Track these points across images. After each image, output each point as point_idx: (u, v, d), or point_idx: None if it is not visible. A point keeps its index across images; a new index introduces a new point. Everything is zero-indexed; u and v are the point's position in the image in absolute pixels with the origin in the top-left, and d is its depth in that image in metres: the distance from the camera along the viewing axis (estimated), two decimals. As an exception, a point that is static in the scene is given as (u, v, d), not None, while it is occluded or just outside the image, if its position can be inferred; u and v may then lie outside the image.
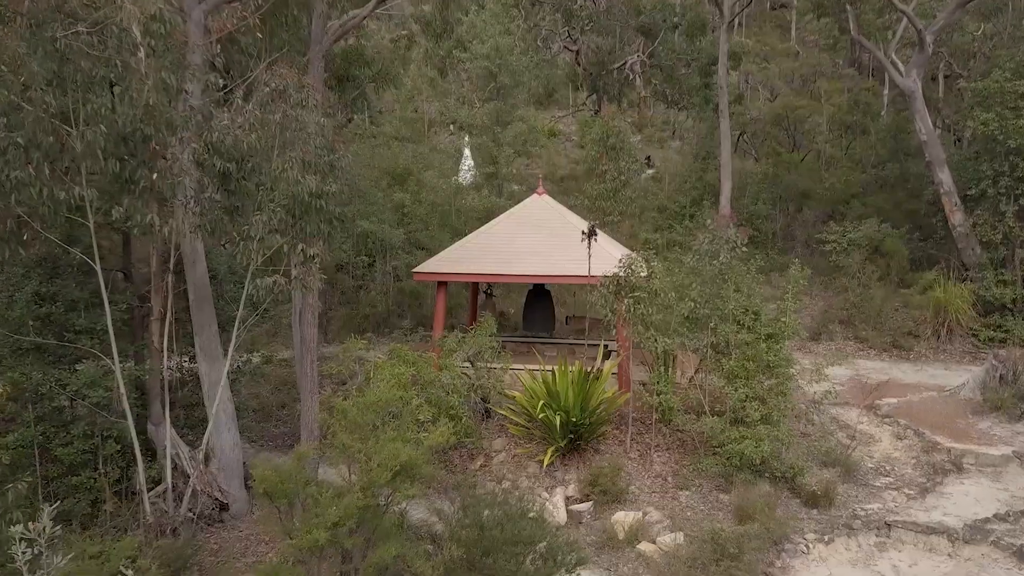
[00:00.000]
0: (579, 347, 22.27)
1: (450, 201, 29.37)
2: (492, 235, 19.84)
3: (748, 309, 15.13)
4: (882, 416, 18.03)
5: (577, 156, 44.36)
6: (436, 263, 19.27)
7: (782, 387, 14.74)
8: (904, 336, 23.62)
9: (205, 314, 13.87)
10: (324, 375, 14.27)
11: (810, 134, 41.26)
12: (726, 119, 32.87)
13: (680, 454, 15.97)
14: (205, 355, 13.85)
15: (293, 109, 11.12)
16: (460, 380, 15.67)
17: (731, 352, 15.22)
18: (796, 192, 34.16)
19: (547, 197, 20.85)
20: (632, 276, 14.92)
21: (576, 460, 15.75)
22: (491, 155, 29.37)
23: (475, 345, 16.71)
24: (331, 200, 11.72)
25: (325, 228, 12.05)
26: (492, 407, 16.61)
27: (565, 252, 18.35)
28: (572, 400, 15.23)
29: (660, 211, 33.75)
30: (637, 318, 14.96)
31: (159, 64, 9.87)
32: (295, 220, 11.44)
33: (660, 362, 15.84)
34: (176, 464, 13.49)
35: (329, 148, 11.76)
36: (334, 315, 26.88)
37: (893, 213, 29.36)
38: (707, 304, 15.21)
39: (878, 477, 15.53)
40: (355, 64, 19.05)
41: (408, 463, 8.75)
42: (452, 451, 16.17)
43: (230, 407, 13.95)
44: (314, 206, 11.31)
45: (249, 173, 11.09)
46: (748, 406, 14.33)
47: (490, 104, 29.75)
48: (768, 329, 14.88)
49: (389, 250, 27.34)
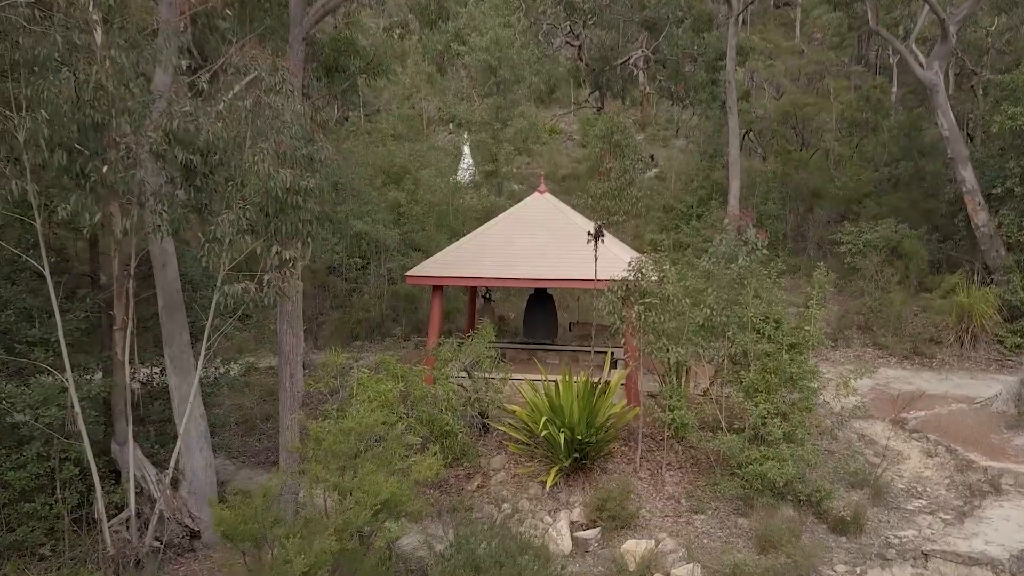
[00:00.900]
0: (583, 355, 21.06)
1: (448, 200, 28.14)
2: (491, 236, 18.60)
3: (768, 317, 13.90)
4: (909, 431, 16.80)
5: (579, 155, 43.12)
6: (431, 266, 18.03)
7: (806, 402, 13.51)
8: (926, 343, 22.38)
9: (176, 322, 12.65)
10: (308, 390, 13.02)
11: (818, 132, 40.10)
12: (734, 115, 31.63)
13: (694, 473, 14.75)
14: (175, 367, 12.63)
15: (266, 95, 9.88)
16: (455, 394, 14.45)
17: (750, 363, 13.98)
18: (806, 191, 32.93)
19: (549, 196, 19.62)
20: (643, 281, 13.69)
21: (582, 480, 14.52)
22: (491, 152, 28.12)
23: (472, 354, 15.50)
24: (310, 197, 10.47)
25: (304, 228, 10.80)
26: (490, 423, 15.37)
27: (569, 254, 17.11)
28: (577, 416, 14.00)
29: (666, 211, 32.52)
30: (648, 327, 13.73)
31: (110, 42, 8.64)
32: (269, 219, 10.19)
33: (672, 374, 14.59)
34: (142, 488, 12.27)
35: (308, 138, 10.52)
36: (326, 319, 25.67)
37: (909, 213, 28.11)
38: (724, 311, 13.97)
39: (910, 499, 14.29)
40: (345, 54, 17.83)
41: (391, 499, 7.50)
42: (447, 470, 14.96)
43: (202, 424, 12.72)
44: (290, 203, 10.09)
45: (216, 166, 9.85)
46: (770, 423, 13.09)
47: (490, 99, 28.50)
48: (791, 338, 13.65)
49: (383, 252, 26.11)
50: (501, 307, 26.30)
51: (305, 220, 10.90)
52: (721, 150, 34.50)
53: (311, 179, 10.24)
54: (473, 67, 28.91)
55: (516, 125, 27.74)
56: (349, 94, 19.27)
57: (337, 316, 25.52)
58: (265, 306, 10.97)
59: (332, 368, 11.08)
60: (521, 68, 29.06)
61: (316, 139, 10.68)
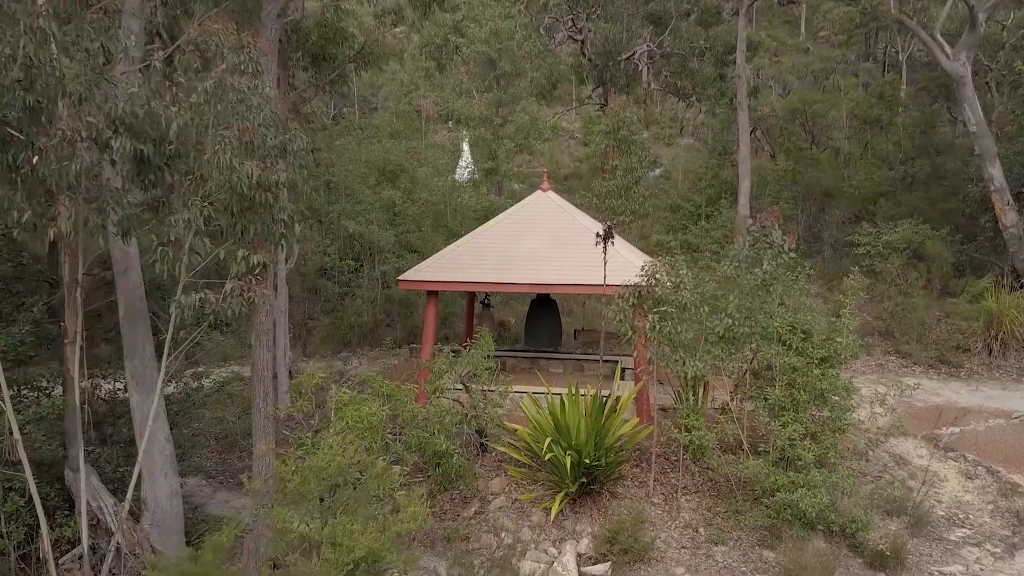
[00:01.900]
0: (588, 363, 19.76)
1: (446, 200, 26.82)
2: (490, 237, 17.28)
3: (796, 327, 12.57)
4: (943, 448, 15.45)
5: (581, 154, 41.85)
6: (426, 269, 16.71)
7: (839, 422, 12.17)
8: (952, 350, 21.04)
9: (138, 333, 11.33)
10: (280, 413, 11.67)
11: (828, 130, 38.88)
12: (744, 112, 30.37)
13: (712, 498, 13.42)
14: (137, 384, 11.30)
15: (231, 75, 8.55)
16: (451, 412, 13.14)
17: (775, 378, 12.66)
18: (819, 190, 31.60)
19: (553, 194, 18.29)
20: (657, 287, 12.37)
21: (589, 506, 13.20)
22: (490, 149, 26.79)
23: (469, 365, 14.20)
24: (283, 193, 9.15)
25: (277, 229, 9.47)
26: (489, 443, 14.06)
27: (574, 257, 15.81)
28: (584, 436, 12.68)
29: (673, 211, 31.17)
30: (663, 338, 12.41)
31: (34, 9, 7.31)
32: (235, 219, 8.87)
33: (689, 389, 13.28)
34: (98, 520, 10.96)
35: (280, 126, 9.19)
36: (316, 325, 24.35)
37: (929, 213, 26.74)
38: (747, 321, 12.64)
39: (952, 529, 12.96)
40: (332, 41, 16.51)
41: (368, 555, 6.18)
42: (442, 494, 13.66)
43: (167, 448, 11.38)
44: (259, 200, 8.75)
45: (173, 158, 8.52)
46: (799, 445, 11.76)
47: (489, 94, 27.18)
48: (821, 351, 12.32)
49: (377, 253, 24.81)
50: (501, 312, 24.99)
51: (279, 220, 9.57)
52: (730, 148, 33.26)
53: (283, 173, 8.90)
54: (472, 60, 27.57)
55: (517, 120, 26.40)
56: (338, 85, 17.94)
57: (328, 321, 24.21)
58: (226, 321, 9.61)
59: (308, 388, 9.73)
60: (522, 62, 27.74)
61: (290, 128, 9.34)
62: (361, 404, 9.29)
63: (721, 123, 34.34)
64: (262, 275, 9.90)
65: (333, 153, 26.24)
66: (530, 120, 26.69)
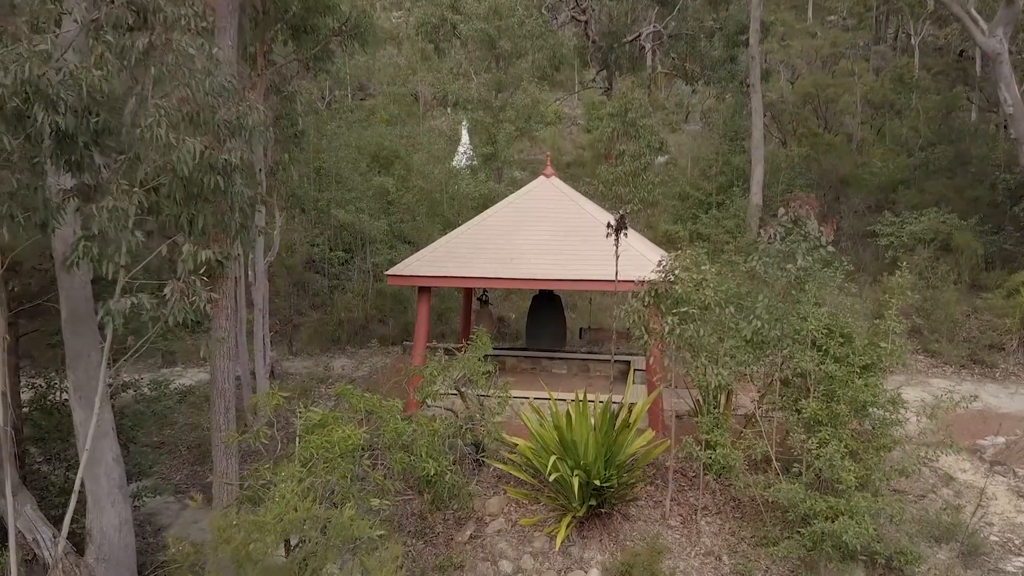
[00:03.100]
0: (595, 363, 18.30)
1: (442, 187, 25.27)
2: (489, 228, 15.78)
3: (833, 330, 11.08)
4: (988, 461, 14.02)
5: (584, 140, 40.31)
6: (417, 263, 15.21)
7: (883, 439, 10.69)
8: (985, 349, 19.61)
9: (83, 339, 9.84)
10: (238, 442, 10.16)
11: (839, 115, 37.37)
12: (758, 95, 28.80)
13: (736, 520, 11.98)
14: (81, 397, 9.82)
15: (170, 32, 7.03)
16: (444, 422, 11.67)
17: (809, 388, 11.17)
18: (835, 178, 30.06)
19: (557, 180, 16.77)
20: (677, 285, 10.88)
21: (599, 530, 11.75)
22: (489, 134, 25.22)
23: (465, 368, 12.74)
24: (238, 177, 7.65)
25: (234, 219, 7.96)
26: (486, 459, 12.60)
27: (581, 250, 14.33)
28: (594, 454, 11.21)
29: (682, 199, 29.60)
30: (684, 342, 10.93)
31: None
32: (179, 208, 7.37)
33: (712, 401, 11.80)
34: (35, 555, 9.52)
35: (235, 97, 7.67)
36: (303, 321, 22.87)
37: (955, 201, 25.20)
38: (778, 323, 11.15)
39: (1007, 557, 11.51)
40: (314, 11, 14.96)
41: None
42: (433, 515, 12.22)
43: (116, 471, 9.92)
44: (207, 185, 7.25)
45: (101, 134, 7.01)
46: (838, 466, 10.27)
47: (488, 75, 25.59)
48: (864, 358, 10.83)
49: (369, 244, 23.32)
50: (501, 307, 23.51)
51: (237, 208, 8.07)
52: (740, 133, 31.71)
53: (237, 152, 7.39)
54: (470, 39, 25.95)
55: (517, 102, 24.81)
56: (323, 62, 16.38)
57: (316, 317, 22.72)
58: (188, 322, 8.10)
59: (266, 412, 8.22)
60: (523, 41, 26.12)
61: (247, 99, 7.83)
62: (332, 427, 7.84)
63: (732, 107, 32.74)
64: (219, 274, 8.42)
65: (324, 138, 24.71)
66: (531, 102, 25.09)
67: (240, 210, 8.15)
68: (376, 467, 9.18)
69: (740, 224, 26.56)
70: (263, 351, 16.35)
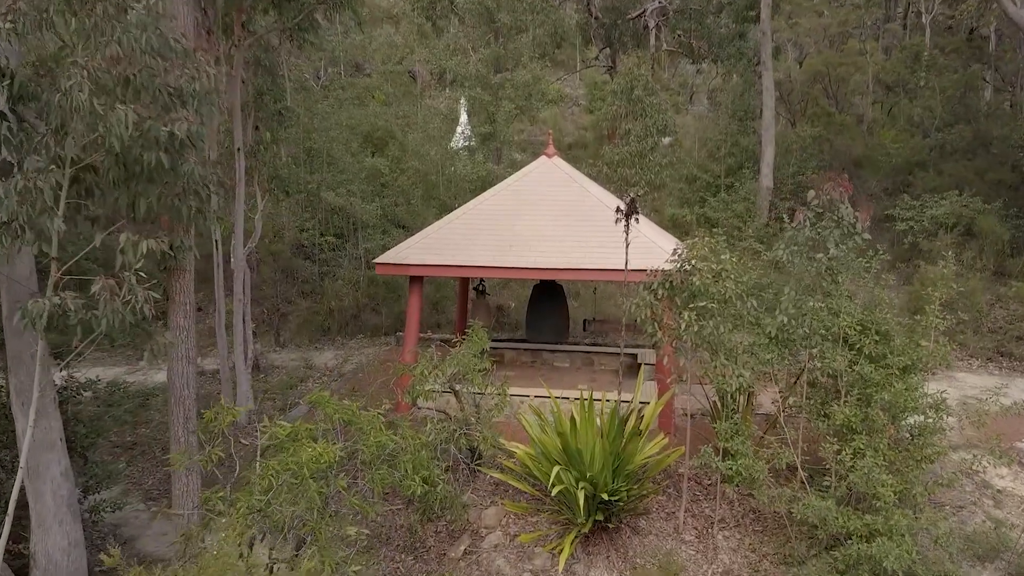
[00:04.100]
0: (599, 356, 17.19)
1: (438, 169, 24.06)
2: (486, 212, 14.63)
3: (868, 327, 9.95)
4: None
5: (586, 122, 39.06)
6: (408, 250, 14.08)
7: (926, 449, 9.58)
8: (1014, 341, 18.45)
9: (22, 338, 8.71)
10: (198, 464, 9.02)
11: (851, 95, 36.13)
12: (769, 72, 27.52)
13: (757, 534, 10.89)
14: (22, 403, 8.71)
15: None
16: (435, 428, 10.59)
17: (841, 391, 10.05)
18: (848, 160, 28.82)
19: (559, 161, 15.59)
20: (695, 276, 9.74)
21: (606, 546, 10.68)
22: (488, 112, 23.97)
23: (459, 366, 11.64)
24: (187, 154, 6.48)
25: (186, 204, 6.81)
26: (483, 469, 11.50)
27: (585, 236, 13.20)
28: (601, 463, 10.11)
29: (689, 182, 28.37)
30: (702, 340, 9.80)
31: None
32: (117, 189, 6.21)
33: (731, 404, 10.68)
34: (-29, 582, 8.43)
35: (183, 57, 6.49)
36: (293, 310, 21.73)
37: (976, 184, 23.99)
38: (807, 320, 10.01)
39: (1059, 577, 10.40)
40: (296, -24, 13.74)
41: None
42: (425, 526, 11.16)
43: (64, 487, 8.81)
44: (147, 164, 6.08)
45: (16, 100, 5.85)
46: (875, 480, 9.16)
47: (487, 51, 24.30)
48: (903, 358, 9.70)
49: (361, 229, 22.15)
50: (499, 294, 22.37)
51: (191, 191, 6.91)
52: (750, 113, 30.44)
53: (184, 124, 6.22)
54: (468, 12, 24.64)
55: (518, 79, 23.53)
56: (308, 33, 15.13)
57: (305, 306, 21.57)
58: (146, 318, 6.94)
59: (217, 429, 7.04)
60: (523, 15, 24.81)
61: (196, 60, 6.63)
62: (301, 444, 6.72)
63: (740, 86, 31.43)
64: (173, 266, 7.27)
65: (316, 117, 23.47)
66: (532, 79, 23.82)
67: (195, 193, 6.98)
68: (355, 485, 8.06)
69: (750, 208, 25.37)
70: (244, 346, 15.23)
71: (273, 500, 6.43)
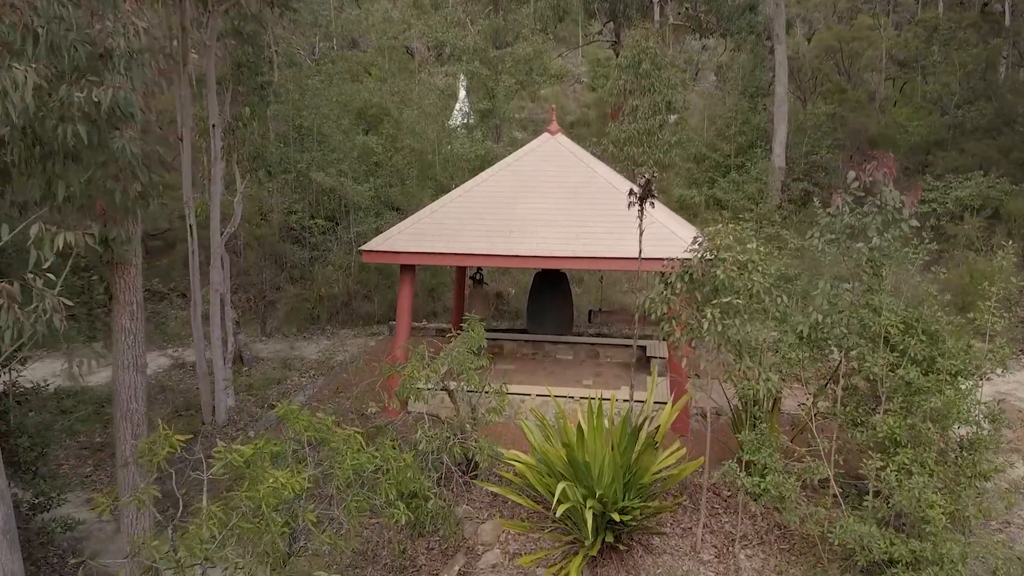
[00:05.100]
0: (605, 348, 16.08)
1: (435, 148, 22.84)
2: (484, 194, 13.46)
3: (913, 326, 8.82)
4: (1074, 473, 11.80)
5: (588, 99, 37.77)
6: (399, 236, 12.92)
7: (980, 466, 8.48)
8: (1046, 332, 17.34)
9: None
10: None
11: (863, 71, 34.84)
12: (782, 47, 26.20)
13: (783, 553, 9.82)
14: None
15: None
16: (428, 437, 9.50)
17: (881, 397, 8.94)
18: (863, 138, 27.55)
19: (563, 138, 14.40)
20: (719, 269, 8.59)
21: (615, 567, 9.61)
22: (487, 87, 22.71)
23: (453, 363, 10.55)
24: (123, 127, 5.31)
25: (120, 187, 5.64)
26: (479, 482, 10.41)
27: (592, 221, 12.04)
28: (611, 477, 9.02)
29: (698, 162, 27.12)
30: (725, 340, 8.67)
31: None
32: (24, 171, 5.05)
33: (756, 408, 9.56)
34: None
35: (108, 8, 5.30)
36: (280, 297, 20.59)
37: (1002, 164, 22.79)
38: (844, 318, 8.87)
39: (1121, 604, 9.32)
40: (276, -66, 12.50)
41: None
42: (416, 542, 10.10)
43: (1, 508, 7.70)
44: (60, 138, 4.92)
45: None
46: (924, 501, 8.06)
47: (486, 22, 22.99)
48: (955, 362, 8.58)
49: (353, 211, 20.96)
50: (499, 281, 21.23)
51: (124, 173, 5.74)
52: (760, 90, 29.14)
53: (108, 92, 5.04)
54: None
55: (518, 52, 22.25)
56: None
57: (294, 293, 20.42)
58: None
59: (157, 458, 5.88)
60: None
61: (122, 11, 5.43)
62: (261, 474, 5.61)
63: (751, 62, 30.10)
64: (112, 261, 6.11)
65: (307, 94, 22.22)
66: (533, 53, 22.53)
67: (132, 174, 5.82)
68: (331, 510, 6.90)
69: (762, 189, 24.16)
70: (224, 338, 14.11)
71: (227, 542, 5.33)
